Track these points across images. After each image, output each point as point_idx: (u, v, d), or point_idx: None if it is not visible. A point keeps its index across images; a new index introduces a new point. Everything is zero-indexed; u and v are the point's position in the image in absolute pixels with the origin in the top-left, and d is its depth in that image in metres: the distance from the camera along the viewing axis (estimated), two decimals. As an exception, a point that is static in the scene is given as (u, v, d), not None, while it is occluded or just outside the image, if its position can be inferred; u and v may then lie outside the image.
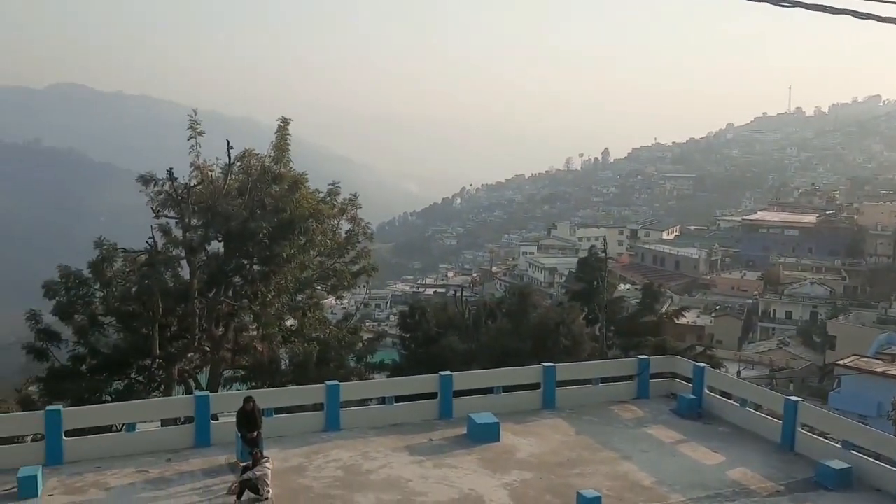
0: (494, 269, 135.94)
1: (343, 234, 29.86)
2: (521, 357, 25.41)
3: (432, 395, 19.80)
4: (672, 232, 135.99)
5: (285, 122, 28.63)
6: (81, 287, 26.19)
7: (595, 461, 16.93)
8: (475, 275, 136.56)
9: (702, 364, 21.84)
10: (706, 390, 20.76)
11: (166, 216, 26.62)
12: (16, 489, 14.45)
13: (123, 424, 18.40)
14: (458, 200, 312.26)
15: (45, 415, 16.43)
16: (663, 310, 42.35)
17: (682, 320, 49.47)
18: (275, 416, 17.95)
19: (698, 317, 77.03)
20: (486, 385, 20.65)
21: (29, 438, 18.64)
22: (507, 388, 20.55)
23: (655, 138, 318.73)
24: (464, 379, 20.39)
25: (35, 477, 14.55)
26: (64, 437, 16.28)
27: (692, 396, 20.51)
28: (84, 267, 26.46)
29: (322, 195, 28.94)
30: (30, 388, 27.56)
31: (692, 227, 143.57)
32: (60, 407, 17.02)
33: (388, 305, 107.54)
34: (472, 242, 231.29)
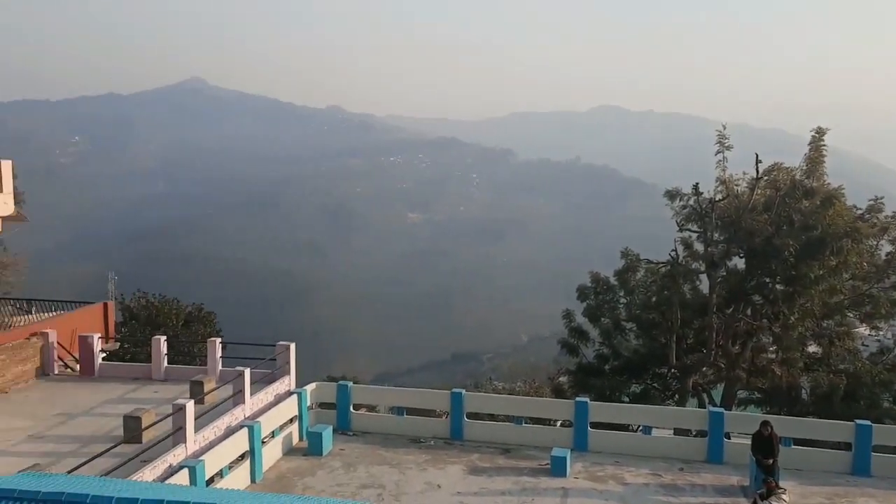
0: None
1: (883, 256, 26.33)
2: None
3: None
4: None
5: (820, 132, 26.56)
6: (608, 293, 28.54)
7: None
8: None
9: None
10: None
11: (689, 230, 27.18)
12: (549, 465, 16.57)
13: (640, 426, 19.46)
14: None
15: (574, 404, 18.44)
16: None
17: None
18: (793, 446, 16.86)
19: None
20: None
21: (558, 423, 21.11)
22: None
23: None
24: None
25: (565, 459, 16.45)
26: (589, 428, 18.04)
27: None
28: (610, 274, 28.75)
29: (860, 211, 26.01)
30: (561, 379, 31.18)
31: None
32: (587, 399, 18.86)
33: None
34: None
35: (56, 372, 21.08)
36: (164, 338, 21.64)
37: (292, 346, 20.15)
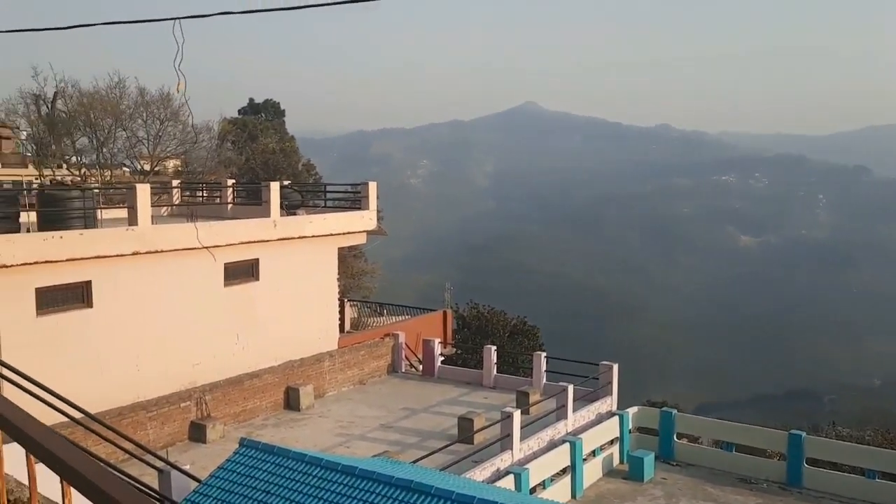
0: None
1: None
2: None
3: None
4: None
5: None
6: None
7: None
8: None
9: None
10: None
11: None
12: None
13: None
14: None
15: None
16: None
17: None
18: None
19: None
20: None
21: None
22: None
23: None
24: None
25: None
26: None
27: None
28: None
29: None
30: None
31: None
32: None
33: None
34: None
35: (403, 370, 23.62)
36: (494, 347, 23.03)
37: (615, 367, 20.11)
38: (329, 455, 9.74)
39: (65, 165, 34.71)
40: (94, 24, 7.02)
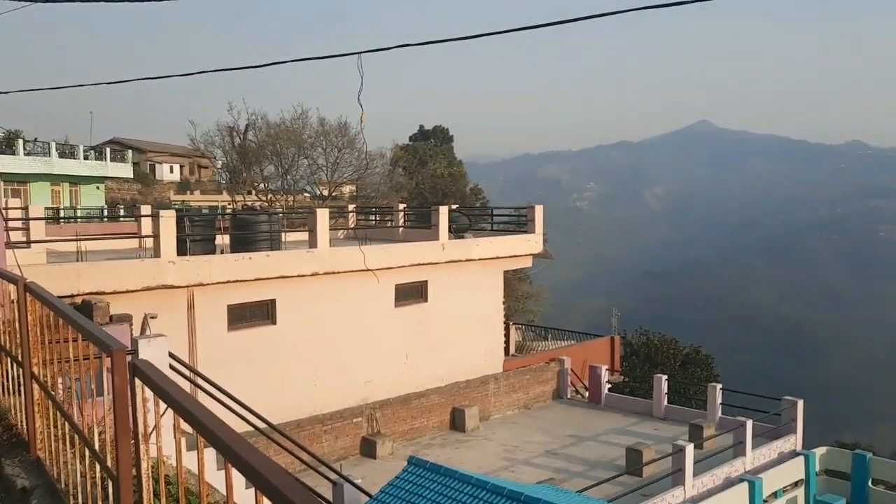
0: None
1: None
2: None
3: None
4: None
5: None
6: None
7: None
8: None
9: None
10: None
11: None
12: None
13: None
14: None
15: None
16: None
17: None
18: None
19: None
20: None
21: None
22: None
23: None
24: None
25: None
26: None
27: None
28: None
29: None
30: None
31: None
32: None
33: None
34: None
35: (568, 396, 23.25)
36: (665, 377, 22.09)
37: (800, 403, 18.64)
38: (494, 478, 9.74)
39: (253, 191, 37.70)
40: (286, 62, 7.59)
